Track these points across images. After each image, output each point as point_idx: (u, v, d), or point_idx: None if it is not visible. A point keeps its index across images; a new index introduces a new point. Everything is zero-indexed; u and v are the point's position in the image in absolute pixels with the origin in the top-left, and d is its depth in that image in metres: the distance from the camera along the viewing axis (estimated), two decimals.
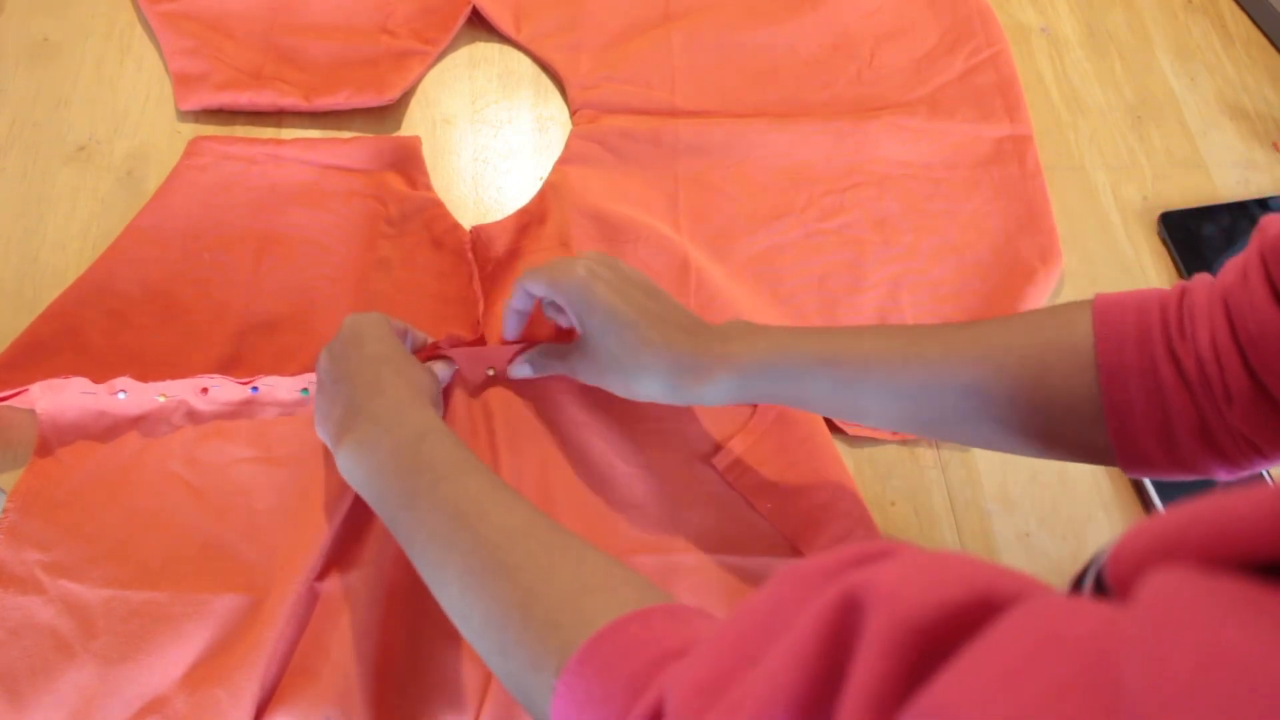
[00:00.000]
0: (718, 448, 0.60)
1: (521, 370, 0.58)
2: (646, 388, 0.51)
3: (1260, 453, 0.39)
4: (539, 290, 0.54)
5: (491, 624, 0.38)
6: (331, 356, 0.52)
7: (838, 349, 0.47)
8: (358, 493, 0.47)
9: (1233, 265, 0.40)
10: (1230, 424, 0.39)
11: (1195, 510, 0.18)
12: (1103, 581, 0.23)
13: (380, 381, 0.48)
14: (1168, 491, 0.61)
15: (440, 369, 0.57)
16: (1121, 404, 0.41)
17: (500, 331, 0.60)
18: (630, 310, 0.50)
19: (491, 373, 0.60)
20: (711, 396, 0.50)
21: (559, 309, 0.56)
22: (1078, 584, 0.29)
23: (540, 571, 0.37)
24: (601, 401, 0.60)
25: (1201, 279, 0.41)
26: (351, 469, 0.46)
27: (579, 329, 0.53)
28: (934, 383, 0.45)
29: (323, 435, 0.51)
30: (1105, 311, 0.42)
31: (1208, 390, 0.39)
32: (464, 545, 0.40)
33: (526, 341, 0.60)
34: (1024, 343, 0.44)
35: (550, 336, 0.60)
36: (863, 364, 0.47)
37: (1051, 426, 0.43)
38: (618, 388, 0.53)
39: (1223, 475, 0.41)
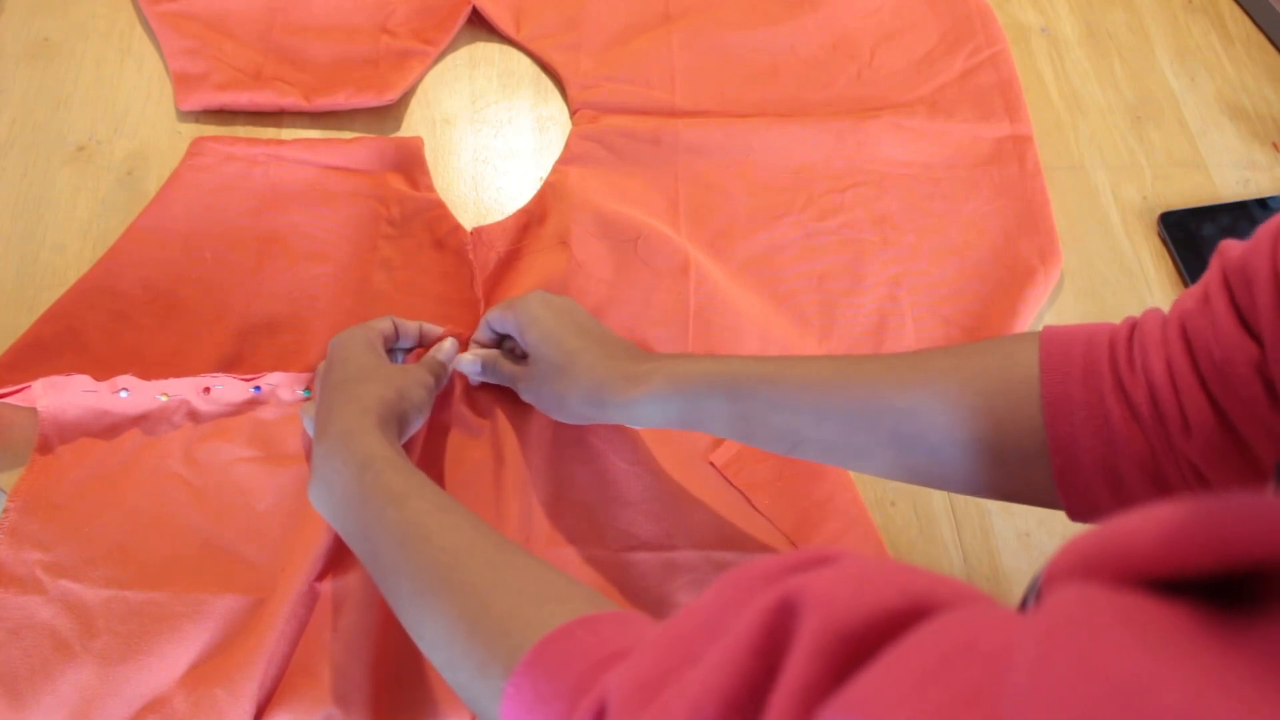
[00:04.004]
0: (716, 445, 0.60)
1: (470, 367, 0.58)
2: (576, 400, 0.51)
3: (1208, 489, 0.38)
4: (496, 322, 0.56)
5: (441, 638, 0.38)
6: (317, 380, 0.54)
7: (779, 369, 0.47)
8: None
9: (1190, 293, 0.38)
10: (1182, 457, 0.37)
11: (1113, 527, 0.18)
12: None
13: (331, 413, 0.49)
14: None
15: (444, 352, 0.57)
16: (1066, 438, 0.39)
17: None
18: (570, 327, 0.53)
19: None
20: (645, 410, 0.49)
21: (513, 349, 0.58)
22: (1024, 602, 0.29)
23: (486, 586, 0.38)
24: None
25: (1153, 312, 0.40)
26: (319, 506, 0.47)
27: (524, 347, 0.54)
28: (873, 403, 0.44)
29: None
30: (1052, 344, 0.41)
31: (1160, 423, 0.37)
32: (411, 568, 0.41)
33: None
34: (967, 370, 0.43)
35: None
36: (800, 383, 0.46)
37: (993, 460, 0.42)
38: (552, 404, 0.53)
39: None
